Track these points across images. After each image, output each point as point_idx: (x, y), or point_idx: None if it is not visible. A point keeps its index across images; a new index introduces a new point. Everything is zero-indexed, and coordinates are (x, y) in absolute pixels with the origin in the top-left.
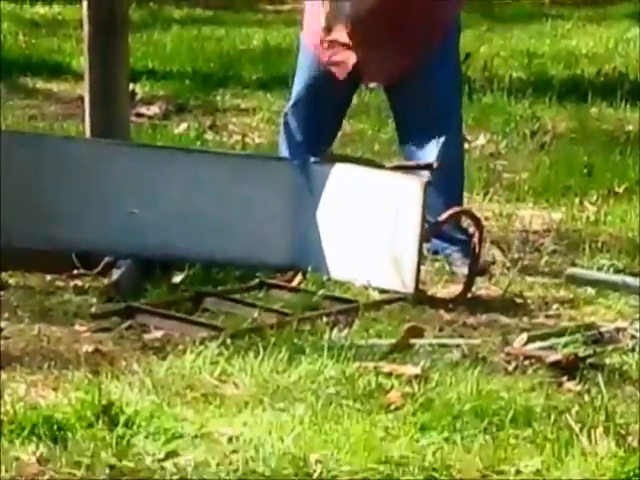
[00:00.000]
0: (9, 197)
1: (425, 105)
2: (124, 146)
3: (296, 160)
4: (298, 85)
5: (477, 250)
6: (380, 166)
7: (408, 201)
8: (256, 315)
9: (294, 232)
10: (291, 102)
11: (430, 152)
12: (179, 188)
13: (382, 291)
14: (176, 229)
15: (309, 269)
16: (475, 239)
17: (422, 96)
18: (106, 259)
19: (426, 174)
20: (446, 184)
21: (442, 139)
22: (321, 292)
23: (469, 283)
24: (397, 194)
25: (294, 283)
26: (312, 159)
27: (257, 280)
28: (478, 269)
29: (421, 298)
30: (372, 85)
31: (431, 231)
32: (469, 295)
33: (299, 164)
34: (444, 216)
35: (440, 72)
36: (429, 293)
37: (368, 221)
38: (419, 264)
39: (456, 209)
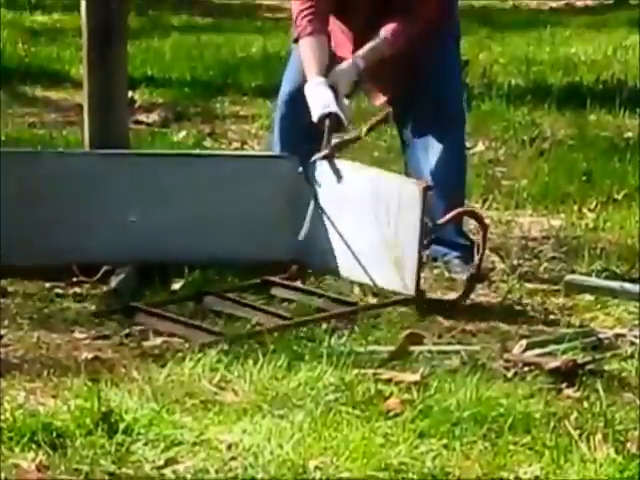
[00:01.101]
0: (8, 215)
1: (428, 114)
2: (120, 156)
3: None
4: (288, 87)
5: (482, 249)
6: (358, 138)
7: (408, 204)
8: (256, 319)
9: (294, 231)
10: (283, 102)
11: (432, 159)
12: (178, 192)
13: (381, 295)
14: (176, 233)
15: (309, 269)
16: (479, 238)
17: (425, 106)
18: (105, 267)
19: (427, 180)
20: (449, 190)
21: (445, 146)
22: (321, 294)
23: (472, 284)
24: (397, 197)
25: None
26: (313, 158)
27: (258, 280)
28: (482, 270)
29: (421, 301)
30: (378, 104)
31: (434, 232)
32: (469, 301)
33: (299, 163)
34: (447, 217)
35: (442, 81)
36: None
37: (368, 223)
38: (420, 266)
39: (459, 209)
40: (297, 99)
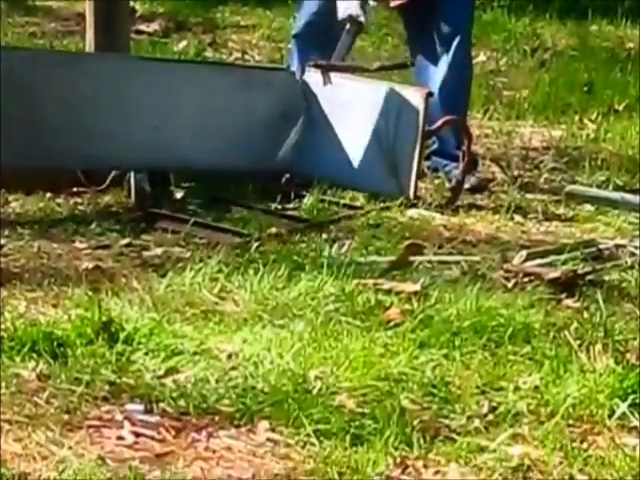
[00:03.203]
0: (44, 118)
1: (435, 25)
2: (117, 60)
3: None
4: (309, 6)
5: (466, 157)
6: (367, 69)
7: (409, 110)
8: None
9: (294, 140)
10: (302, 24)
11: (439, 71)
12: (178, 100)
13: (381, 199)
14: (190, 141)
15: (309, 175)
16: (464, 147)
17: (433, 16)
18: (112, 174)
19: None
20: (451, 102)
21: (450, 58)
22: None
23: (459, 188)
24: (398, 103)
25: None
26: (307, 65)
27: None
28: (467, 175)
29: (413, 202)
30: (394, 4)
31: (424, 138)
32: (464, 203)
33: (298, 74)
34: (437, 124)
35: None
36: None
37: (368, 129)
38: (418, 170)
39: (448, 118)
40: (316, 19)
